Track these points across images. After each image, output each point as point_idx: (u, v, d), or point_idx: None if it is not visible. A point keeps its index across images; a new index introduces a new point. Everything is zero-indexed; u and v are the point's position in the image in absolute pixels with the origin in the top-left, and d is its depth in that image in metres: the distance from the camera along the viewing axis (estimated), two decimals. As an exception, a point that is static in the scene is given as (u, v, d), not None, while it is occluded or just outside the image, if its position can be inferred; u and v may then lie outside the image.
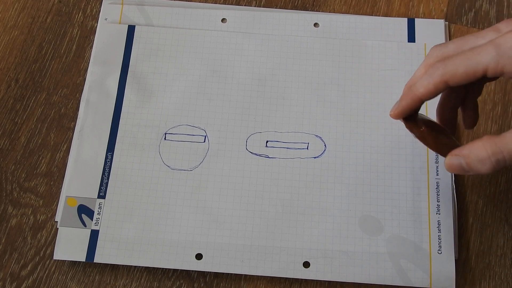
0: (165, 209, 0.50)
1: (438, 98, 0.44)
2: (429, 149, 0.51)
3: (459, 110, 0.46)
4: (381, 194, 0.51)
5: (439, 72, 0.39)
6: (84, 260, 0.49)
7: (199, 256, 0.49)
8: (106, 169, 0.51)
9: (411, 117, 0.43)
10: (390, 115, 0.43)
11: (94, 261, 0.49)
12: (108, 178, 0.51)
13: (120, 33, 0.56)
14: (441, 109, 0.46)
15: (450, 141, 0.44)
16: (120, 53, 0.55)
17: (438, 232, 0.49)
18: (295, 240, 0.49)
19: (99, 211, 0.50)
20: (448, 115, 0.46)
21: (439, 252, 0.49)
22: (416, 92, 0.40)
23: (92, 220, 0.50)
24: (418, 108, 0.42)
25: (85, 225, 0.50)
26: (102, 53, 0.55)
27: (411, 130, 0.43)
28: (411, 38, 0.56)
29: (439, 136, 0.44)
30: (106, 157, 0.52)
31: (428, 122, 0.44)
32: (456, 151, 0.41)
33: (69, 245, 0.49)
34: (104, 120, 0.53)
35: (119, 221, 0.50)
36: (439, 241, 0.49)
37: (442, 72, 0.39)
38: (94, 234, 0.49)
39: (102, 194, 0.51)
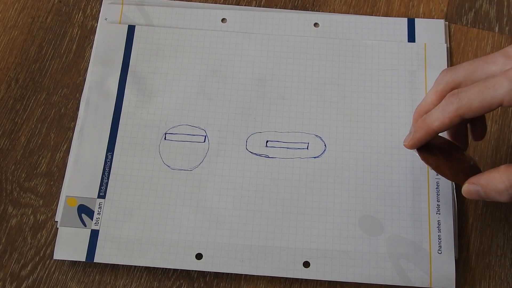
0: (165, 209, 0.50)
1: None
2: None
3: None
4: (381, 194, 0.51)
5: (453, 107, 0.39)
6: (84, 260, 0.49)
7: (199, 256, 0.49)
8: (106, 169, 0.52)
9: (424, 145, 0.44)
10: (404, 145, 0.44)
11: (94, 261, 0.49)
12: (108, 178, 0.51)
13: (120, 33, 0.56)
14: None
15: (465, 164, 0.45)
16: (120, 53, 0.55)
17: (438, 232, 0.49)
18: (295, 240, 0.49)
19: (99, 211, 0.50)
20: (458, 131, 0.47)
21: (439, 252, 0.49)
22: (431, 125, 0.41)
23: (92, 220, 0.50)
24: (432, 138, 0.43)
25: (85, 225, 0.50)
26: (102, 53, 0.55)
27: (426, 162, 0.44)
28: (411, 38, 0.56)
29: (454, 160, 0.45)
30: (106, 157, 0.52)
31: (441, 145, 0.45)
32: (473, 180, 0.42)
33: (69, 245, 0.49)
34: (104, 120, 0.53)
35: (119, 221, 0.50)
36: (439, 241, 0.49)
37: (457, 107, 0.39)
38: (94, 234, 0.49)
39: (102, 194, 0.51)
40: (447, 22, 0.57)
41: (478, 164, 0.46)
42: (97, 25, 0.57)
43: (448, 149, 0.45)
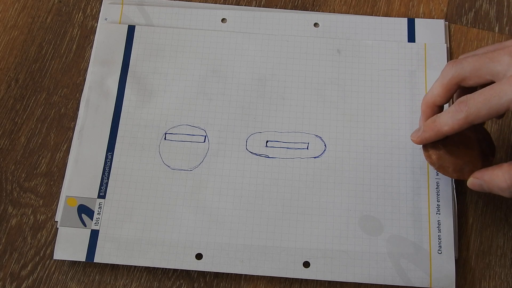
0: (165, 209, 0.50)
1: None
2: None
3: None
4: (381, 194, 0.51)
5: (462, 115, 0.42)
6: (84, 260, 0.48)
7: (199, 256, 0.49)
8: (106, 169, 0.51)
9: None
10: (411, 140, 0.47)
11: (94, 261, 0.48)
12: (108, 178, 0.51)
13: (120, 33, 0.56)
14: None
15: (472, 154, 0.46)
16: (120, 53, 0.55)
17: (438, 232, 0.49)
18: (295, 240, 0.49)
19: (99, 211, 0.50)
20: None
21: (439, 252, 0.49)
22: (440, 129, 0.44)
23: (92, 220, 0.50)
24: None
25: (85, 225, 0.50)
26: (102, 53, 0.55)
27: (430, 161, 0.46)
28: (411, 38, 0.56)
29: (460, 152, 0.46)
30: (106, 157, 0.52)
31: (449, 136, 0.46)
32: (478, 174, 0.44)
33: (69, 245, 0.49)
34: (104, 120, 0.53)
35: (119, 221, 0.50)
36: (439, 241, 0.49)
37: (466, 115, 0.42)
38: (94, 234, 0.49)
39: (102, 194, 0.51)
40: (447, 22, 0.57)
41: (492, 140, 0.47)
42: (97, 25, 0.57)
43: (456, 136, 0.46)
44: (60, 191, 0.52)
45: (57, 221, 0.50)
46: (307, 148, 0.52)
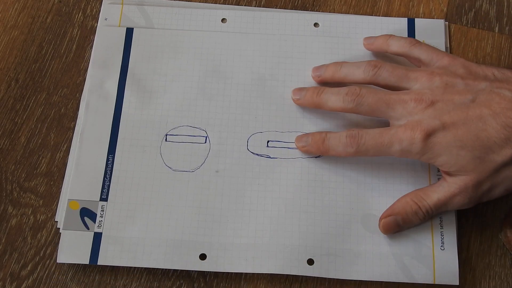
0: (167, 210, 0.50)
1: None
2: None
3: None
4: (383, 192, 0.51)
5: (352, 150, 0.48)
6: (87, 263, 0.48)
7: (203, 257, 0.49)
8: (108, 172, 0.51)
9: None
10: (293, 98, 0.54)
11: (98, 264, 0.48)
12: (110, 181, 0.51)
13: (119, 36, 0.56)
14: None
15: None
16: (119, 55, 0.55)
17: (441, 229, 0.49)
18: (298, 238, 0.49)
19: (102, 213, 0.50)
20: None
21: (442, 248, 0.49)
22: (328, 151, 0.50)
23: (95, 223, 0.50)
24: None
25: (88, 228, 0.49)
26: (101, 56, 0.55)
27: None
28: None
29: None
30: (108, 160, 0.52)
31: None
32: (386, 213, 0.50)
33: (72, 248, 0.49)
34: (104, 123, 0.53)
35: (122, 223, 0.50)
36: (442, 237, 0.49)
37: (355, 151, 0.48)
38: (97, 237, 0.49)
39: (104, 197, 0.50)
40: (447, 22, 0.57)
41: None
42: (97, 25, 0.57)
43: None
44: (60, 191, 0.51)
45: (57, 221, 0.50)
46: (309, 148, 0.52)
